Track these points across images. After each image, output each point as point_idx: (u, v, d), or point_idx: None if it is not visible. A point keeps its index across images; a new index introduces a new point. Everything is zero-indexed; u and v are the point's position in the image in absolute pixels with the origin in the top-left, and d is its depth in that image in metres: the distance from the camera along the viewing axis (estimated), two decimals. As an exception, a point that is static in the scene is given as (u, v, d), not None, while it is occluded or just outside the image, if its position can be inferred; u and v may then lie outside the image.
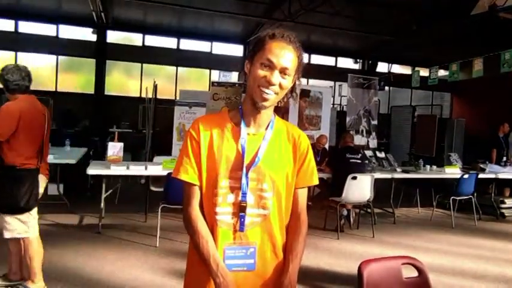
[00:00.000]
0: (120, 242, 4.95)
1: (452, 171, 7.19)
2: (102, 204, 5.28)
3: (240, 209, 1.44)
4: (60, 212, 5.94)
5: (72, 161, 5.94)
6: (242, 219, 1.43)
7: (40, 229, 5.26)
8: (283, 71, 1.43)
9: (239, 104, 1.57)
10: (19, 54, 14.27)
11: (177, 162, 1.49)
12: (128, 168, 5.23)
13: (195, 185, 1.46)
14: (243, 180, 1.44)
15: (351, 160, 5.81)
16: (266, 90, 1.43)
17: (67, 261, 4.23)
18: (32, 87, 3.47)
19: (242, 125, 1.49)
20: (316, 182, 1.57)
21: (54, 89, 14.52)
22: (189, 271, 1.52)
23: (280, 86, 1.44)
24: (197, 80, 16.13)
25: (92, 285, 3.71)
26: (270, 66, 1.42)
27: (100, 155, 7.67)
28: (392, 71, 17.02)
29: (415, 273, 1.94)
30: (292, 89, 1.53)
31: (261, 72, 1.43)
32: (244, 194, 1.44)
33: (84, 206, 6.25)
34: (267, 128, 1.52)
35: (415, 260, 1.96)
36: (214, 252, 1.39)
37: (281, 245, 1.50)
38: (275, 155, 1.50)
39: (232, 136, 1.49)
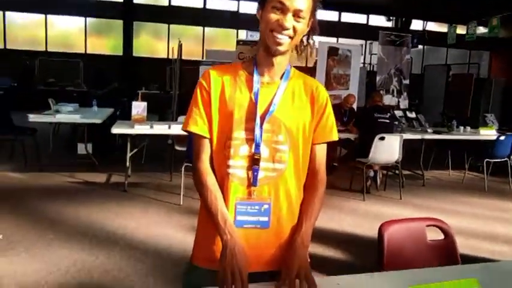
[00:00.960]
0: (145, 200, 5.02)
1: (488, 133, 6.86)
2: (128, 163, 5.34)
3: (253, 162, 1.35)
4: (88, 170, 6.07)
5: (98, 121, 5.99)
6: (255, 173, 1.35)
7: (69, 187, 5.43)
8: (296, 14, 1.30)
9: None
10: (49, 16, 14.36)
11: (187, 114, 1.41)
12: (151, 127, 5.23)
13: (204, 137, 1.38)
14: (257, 131, 1.35)
15: (379, 120, 5.60)
16: (279, 36, 1.31)
17: (94, 218, 4.33)
18: (63, 50, 3.43)
19: (255, 73, 1.39)
20: (335, 137, 1.45)
21: (83, 51, 14.63)
22: (199, 229, 1.46)
23: (294, 30, 1.31)
24: (224, 40, 15.88)
25: (117, 241, 3.79)
26: (282, 9, 1.29)
27: (127, 115, 7.73)
28: (427, 29, 16.20)
29: (440, 236, 1.83)
30: (309, 35, 1.40)
31: (273, 16, 1.30)
32: (257, 146, 1.35)
33: (112, 165, 6.36)
34: (281, 78, 1.41)
35: (440, 221, 1.84)
36: (222, 208, 1.32)
37: (298, 204, 1.42)
38: (291, 106, 1.40)
39: (245, 85, 1.39)
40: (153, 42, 15.71)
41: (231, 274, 1.21)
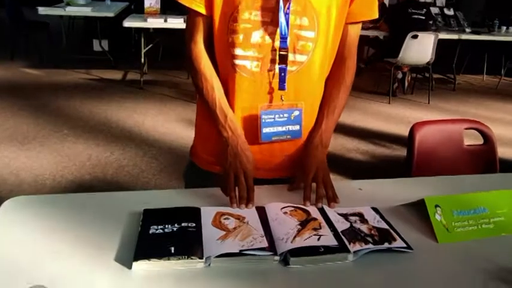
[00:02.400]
0: (162, 97, 4.88)
1: (532, 34, 6.26)
2: (143, 59, 5.12)
3: (279, 59, 1.07)
4: (104, 67, 5.89)
5: (111, 15, 5.64)
6: (282, 74, 1.07)
7: (85, 83, 5.31)
8: None
9: None
10: None
11: None
12: (165, 21, 4.89)
13: (201, 14, 1.08)
14: (281, 16, 1.03)
15: (413, 16, 5.09)
16: None
17: (110, 114, 4.25)
18: None
19: None
20: (375, 15, 1.13)
21: None
22: (196, 125, 1.25)
23: None
24: None
25: (132, 137, 3.73)
26: None
27: (143, 9, 7.30)
28: None
29: (479, 141, 1.62)
30: None
31: None
32: (284, 38, 1.05)
33: (128, 62, 6.14)
34: None
35: (481, 124, 1.62)
36: (221, 99, 1.09)
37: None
38: None
39: None
40: None
41: (234, 177, 1.05)
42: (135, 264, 0.81)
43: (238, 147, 1.07)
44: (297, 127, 1.13)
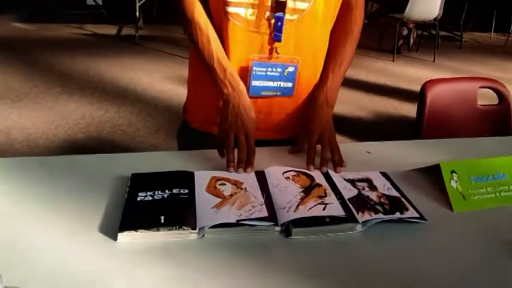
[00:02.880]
0: (158, 53, 4.72)
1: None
2: (138, 13, 4.91)
3: (277, 6, 0.95)
4: (98, 22, 5.68)
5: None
6: (279, 23, 0.96)
7: (78, 39, 5.12)
8: None
9: None
10: None
11: None
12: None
13: None
14: None
15: (422, -32, 4.84)
16: None
17: (104, 71, 4.11)
18: None
19: None
20: None
21: None
22: (190, 82, 1.15)
23: None
24: None
25: (127, 95, 3.61)
26: None
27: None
28: None
29: (493, 101, 1.52)
30: None
31: None
32: None
33: (123, 17, 5.90)
34: None
35: (497, 83, 1.51)
36: (218, 52, 0.97)
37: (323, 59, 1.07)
38: None
39: None
40: None
41: (235, 138, 0.95)
42: (120, 236, 0.73)
43: (240, 105, 0.96)
44: (290, 84, 1.03)
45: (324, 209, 0.80)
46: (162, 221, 0.75)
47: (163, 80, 3.99)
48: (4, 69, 3.96)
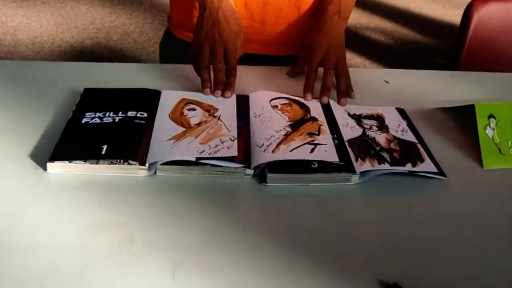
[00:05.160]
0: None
1: None
2: None
3: None
4: None
5: None
6: None
7: None
8: None
9: None
10: None
11: None
12: None
13: None
14: None
15: None
16: None
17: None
18: None
19: None
20: None
21: None
22: None
23: None
24: None
25: (142, 1, 3.34)
26: None
27: None
28: None
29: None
30: None
31: None
32: None
33: None
34: None
35: None
36: None
37: None
38: None
39: None
40: None
41: (210, 50, 0.75)
42: (50, 166, 0.58)
43: (220, 11, 0.75)
44: None
45: (313, 150, 0.62)
46: (104, 152, 0.59)
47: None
48: (15, -36, 3.70)
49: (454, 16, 3.31)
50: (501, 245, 0.55)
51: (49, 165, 0.58)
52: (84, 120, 0.65)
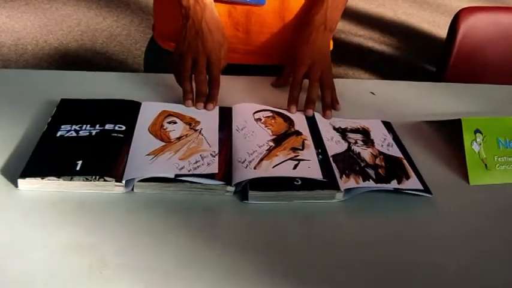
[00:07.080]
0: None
1: None
2: None
3: None
4: None
5: None
6: None
7: None
8: None
9: None
10: None
11: None
12: None
13: None
14: None
15: None
16: None
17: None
18: None
19: None
20: None
21: None
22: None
23: None
24: None
25: (129, 3, 3.30)
26: None
27: None
28: None
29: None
30: None
31: None
32: None
33: None
34: None
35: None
36: None
37: None
38: None
39: None
40: None
41: (192, 61, 0.73)
42: (21, 183, 0.56)
43: (203, 21, 0.73)
44: None
45: (296, 166, 0.60)
46: (78, 168, 0.57)
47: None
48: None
49: (442, 23, 3.34)
50: (488, 263, 0.54)
51: (20, 181, 0.56)
52: (59, 133, 0.63)
